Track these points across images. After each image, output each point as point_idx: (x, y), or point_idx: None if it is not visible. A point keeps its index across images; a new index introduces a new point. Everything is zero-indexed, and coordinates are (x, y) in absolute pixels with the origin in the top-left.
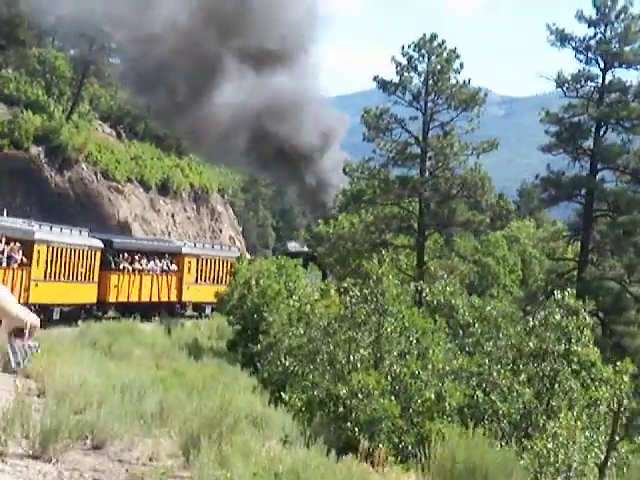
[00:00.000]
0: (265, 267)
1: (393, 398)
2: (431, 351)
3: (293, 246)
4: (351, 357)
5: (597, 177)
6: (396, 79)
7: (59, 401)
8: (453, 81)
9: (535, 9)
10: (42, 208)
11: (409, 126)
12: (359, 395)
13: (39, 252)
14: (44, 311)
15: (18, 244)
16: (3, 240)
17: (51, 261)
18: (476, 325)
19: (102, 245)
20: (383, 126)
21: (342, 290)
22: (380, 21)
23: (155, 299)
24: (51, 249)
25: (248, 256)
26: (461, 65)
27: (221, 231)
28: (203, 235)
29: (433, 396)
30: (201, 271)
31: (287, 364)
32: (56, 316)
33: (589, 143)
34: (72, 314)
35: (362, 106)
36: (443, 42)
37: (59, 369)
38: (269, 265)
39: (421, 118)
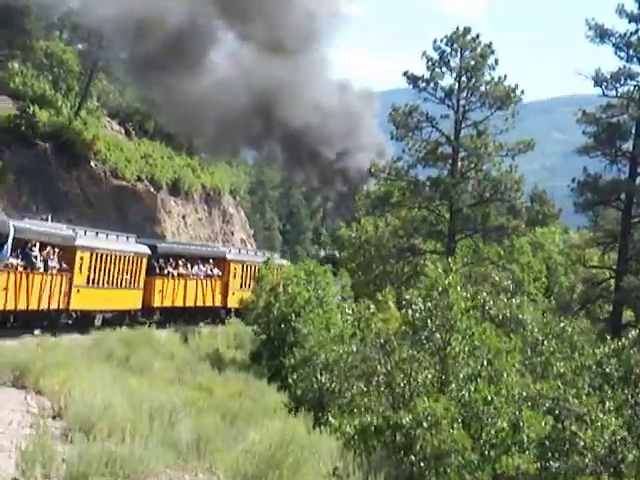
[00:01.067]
0: (293, 273)
1: (463, 428)
2: (505, 374)
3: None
4: (412, 379)
5: (637, 181)
6: (427, 75)
7: (83, 430)
8: (487, 77)
9: (536, 9)
10: (49, 206)
11: (440, 125)
12: (424, 424)
13: (82, 258)
14: (86, 317)
15: (56, 249)
16: (37, 245)
17: (95, 267)
18: (545, 343)
19: (149, 251)
20: (412, 124)
21: (402, 302)
22: (387, 21)
23: (200, 304)
24: (95, 255)
25: (284, 261)
26: (496, 61)
27: (233, 234)
28: (215, 238)
29: (507, 426)
30: (245, 277)
31: (323, 380)
32: (98, 322)
33: (628, 145)
34: (115, 320)
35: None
36: (477, 36)
37: (77, 387)
38: (297, 271)
39: (453, 117)
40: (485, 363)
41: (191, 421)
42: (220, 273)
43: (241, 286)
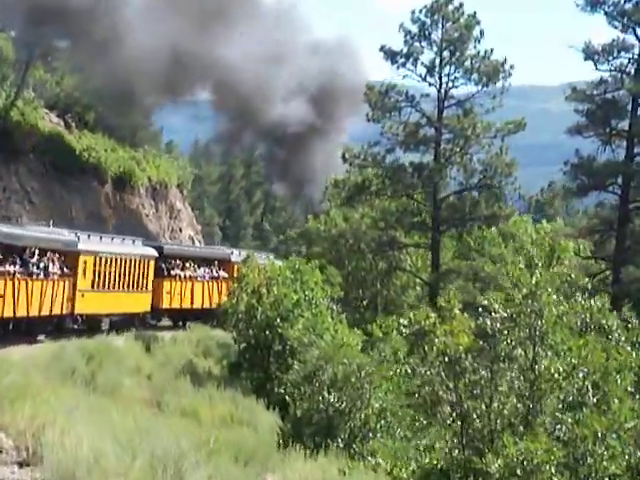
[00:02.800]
0: (278, 272)
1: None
2: (615, 400)
3: None
4: (493, 411)
5: (635, 162)
6: (405, 50)
7: None
8: (472, 51)
9: None
10: None
11: (421, 105)
12: (518, 471)
13: (85, 262)
14: (92, 321)
15: (57, 255)
16: (36, 252)
17: (99, 271)
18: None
19: (157, 254)
20: (390, 105)
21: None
22: None
23: (207, 306)
24: (99, 259)
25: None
26: (481, 33)
27: (181, 230)
28: (162, 234)
29: (623, 470)
30: None
31: (332, 399)
32: (105, 326)
33: (624, 124)
34: (124, 323)
35: None
36: (460, 5)
37: (50, 425)
38: (283, 269)
39: (435, 95)
40: (589, 387)
41: (204, 470)
42: (225, 275)
43: None
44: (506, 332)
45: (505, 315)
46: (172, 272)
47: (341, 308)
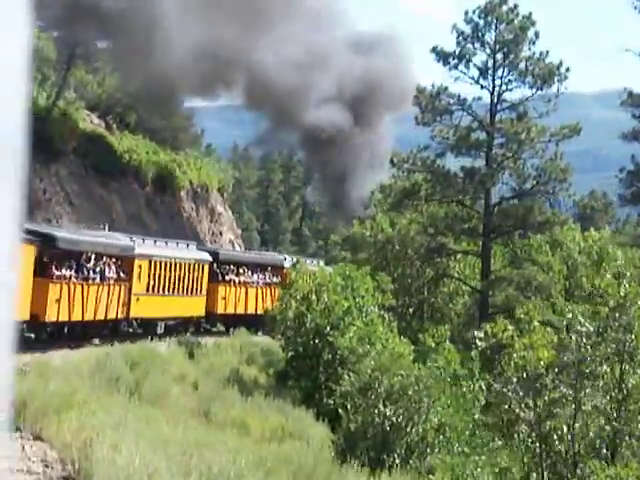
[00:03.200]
0: (328, 278)
1: None
2: None
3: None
4: (576, 430)
5: None
6: (458, 51)
7: None
8: (527, 53)
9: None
10: (26, 207)
11: (472, 108)
12: None
13: (140, 267)
14: (147, 325)
15: (113, 259)
16: (92, 257)
17: (154, 275)
18: None
19: (210, 258)
20: (441, 107)
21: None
22: None
23: (260, 312)
24: (154, 263)
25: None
26: (536, 34)
27: (221, 234)
28: (203, 238)
29: None
30: None
31: (388, 413)
32: (160, 330)
33: None
34: (178, 327)
35: None
36: (515, 7)
37: (98, 438)
38: (334, 276)
39: (487, 98)
40: None
41: None
42: (279, 281)
43: None
44: (591, 347)
45: (591, 329)
46: (226, 277)
47: (391, 316)
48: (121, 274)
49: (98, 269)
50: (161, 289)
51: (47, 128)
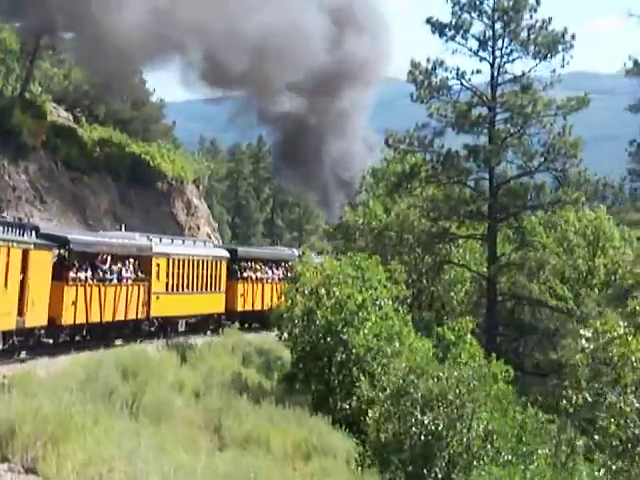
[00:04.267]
0: (338, 269)
1: None
2: None
3: None
4: None
5: None
6: (454, 22)
7: None
8: (529, 21)
9: None
10: None
11: (472, 82)
12: None
13: (158, 265)
14: (168, 323)
15: (131, 259)
16: (109, 257)
17: (173, 273)
18: None
19: (229, 255)
20: (438, 83)
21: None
22: None
23: None
24: (172, 261)
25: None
26: (537, 1)
27: (199, 228)
28: (180, 233)
29: None
30: None
31: (426, 421)
32: (182, 327)
33: None
34: (199, 325)
35: None
36: None
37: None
38: (344, 266)
39: (486, 72)
40: None
41: None
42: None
43: None
44: None
45: None
46: (244, 274)
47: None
48: (139, 274)
49: (115, 270)
50: (180, 287)
51: (13, 122)
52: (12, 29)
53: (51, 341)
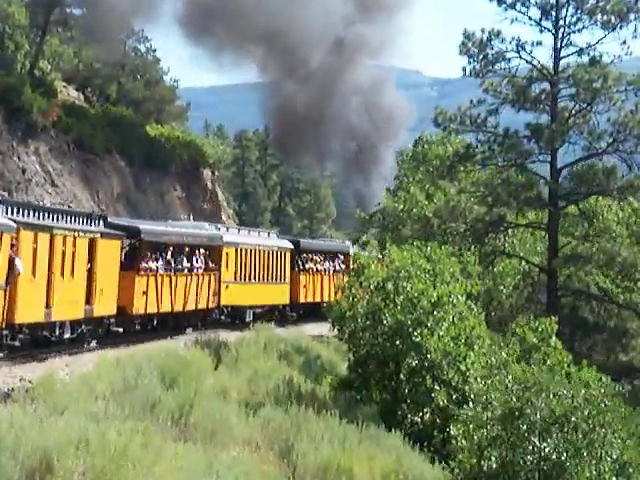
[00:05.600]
0: (407, 261)
1: None
2: None
3: None
4: None
5: None
6: None
7: None
8: None
9: None
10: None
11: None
12: None
13: (227, 255)
14: (236, 313)
15: (201, 249)
16: (179, 248)
17: (241, 263)
18: None
19: (292, 246)
20: (494, 56)
21: None
22: None
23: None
24: (240, 251)
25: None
26: None
27: (214, 214)
28: (197, 219)
29: None
30: None
31: (547, 448)
32: (249, 317)
33: None
34: (265, 315)
35: None
36: None
37: None
38: (415, 258)
39: (549, 44)
40: None
41: None
42: (345, 268)
43: None
44: None
45: None
46: (306, 265)
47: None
48: (210, 263)
49: (186, 259)
50: (248, 277)
51: (23, 99)
52: (20, 3)
53: (121, 330)
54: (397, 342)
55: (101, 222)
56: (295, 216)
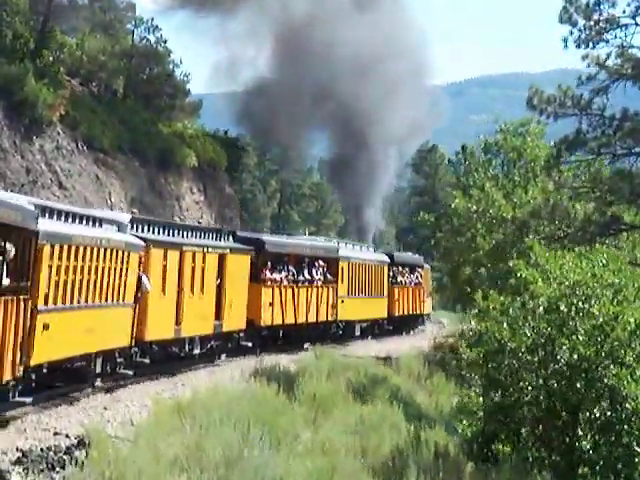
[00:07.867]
0: (587, 273)
1: None
2: None
3: None
4: None
5: None
6: None
7: None
8: None
9: None
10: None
11: None
12: None
13: (342, 269)
14: (348, 328)
15: (320, 262)
16: (301, 260)
17: (352, 277)
18: None
19: (389, 260)
20: (603, 21)
21: None
22: None
23: (414, 312)
24: (351, 266)
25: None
26: None
27: (232, 219)
28: (215, 225)
29: None
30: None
31: None
32: (357, 332)
33: None
34: (368, 330)
35: None
36: None
37: None
38: (601, 270)
39: None
40: None
41: None
42: (419, 281)
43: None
44: None
45: None
46: (398, 278)
47: None
48: (328, 276)
49: (307, 272)
50: (358, 291)
51: (27, 91)
52: None
53: (250, 344)
54: (578, 384)
55: (230, 237)
56: (300, 223)
